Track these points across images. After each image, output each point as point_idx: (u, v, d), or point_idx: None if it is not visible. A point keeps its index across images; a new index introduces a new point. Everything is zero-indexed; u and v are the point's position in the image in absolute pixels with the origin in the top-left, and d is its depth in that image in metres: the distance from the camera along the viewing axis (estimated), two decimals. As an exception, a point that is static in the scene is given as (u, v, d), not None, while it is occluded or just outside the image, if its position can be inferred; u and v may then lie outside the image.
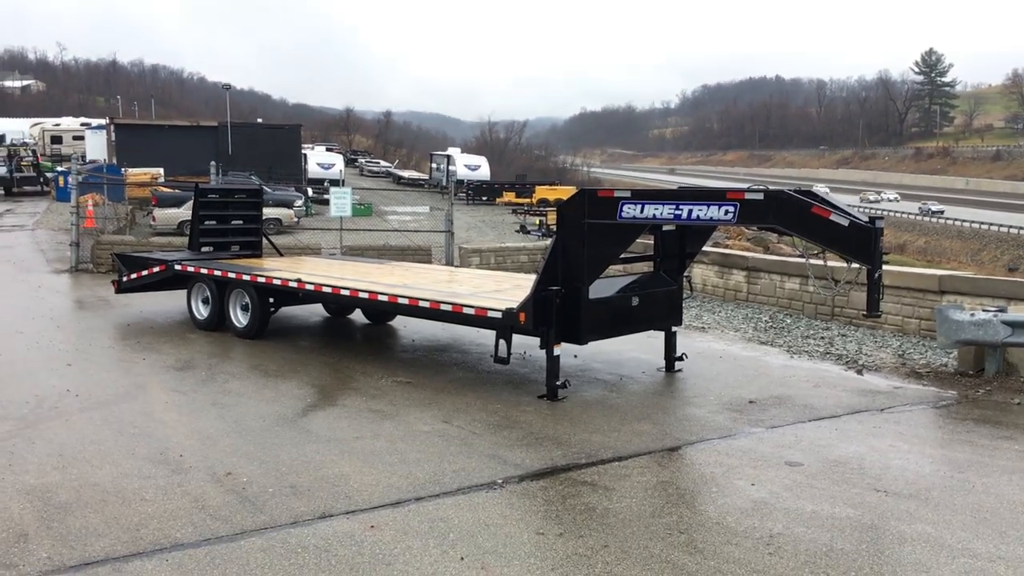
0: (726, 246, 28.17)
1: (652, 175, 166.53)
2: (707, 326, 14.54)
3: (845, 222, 8.30)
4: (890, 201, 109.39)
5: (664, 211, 9.06)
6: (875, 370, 11.36)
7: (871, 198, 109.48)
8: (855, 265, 8.53)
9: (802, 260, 9.19)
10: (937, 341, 11.14)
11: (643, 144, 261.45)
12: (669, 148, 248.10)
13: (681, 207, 8.97)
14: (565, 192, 43.22)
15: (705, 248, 19.22)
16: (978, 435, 8.56)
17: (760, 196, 8.61)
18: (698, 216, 8.88)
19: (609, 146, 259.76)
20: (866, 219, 8.39)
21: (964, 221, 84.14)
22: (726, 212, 8.72)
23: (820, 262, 9.39)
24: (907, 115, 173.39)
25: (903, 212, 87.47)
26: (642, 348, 11.66)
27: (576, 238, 9.46)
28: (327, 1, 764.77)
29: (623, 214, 9.23)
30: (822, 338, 13.49)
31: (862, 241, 8.31)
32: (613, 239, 9.54)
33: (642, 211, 9.15)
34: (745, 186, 9.18)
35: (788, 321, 14.96)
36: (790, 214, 8.51)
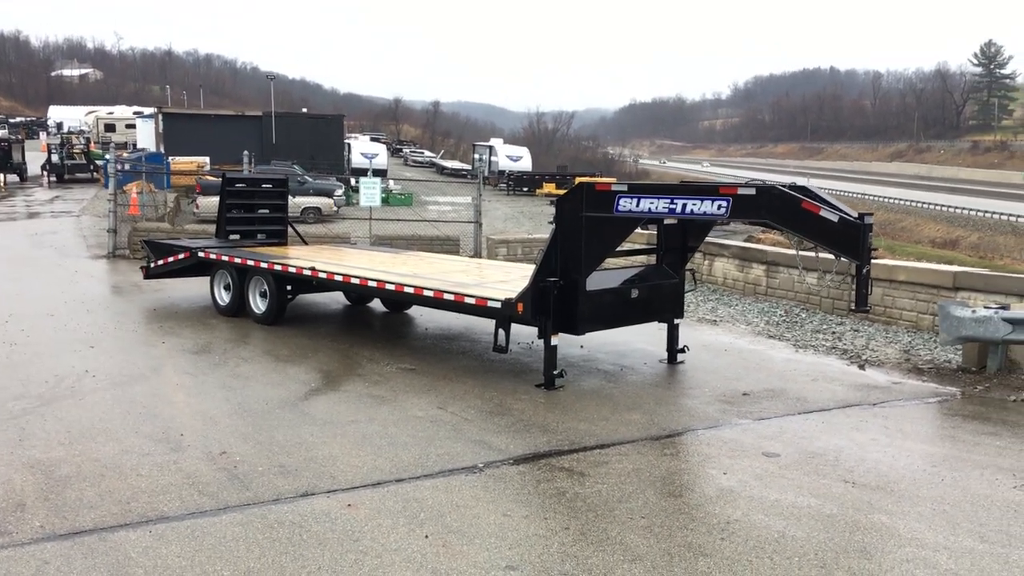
0: (759, 240, 28.07)
1: (697, 168, 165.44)
2: (720, 319, 14.63)
3: (834, 218, 8.41)
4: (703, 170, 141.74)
5: (659, 205, 9.24)
6: (877, 365, 11.39)
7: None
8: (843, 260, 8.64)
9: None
10: (939, 337, 11.15)
11: (693, 135, 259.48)
12: (719, 140, 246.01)
13: (676, 201, 9.14)
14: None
15: (726, 242, 19.32)
16: (963, 431, 8.61)
17: (752, 191, 8.75)
18: (692, 210, 9.04)
19: (658, 138, 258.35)
20: (855, 215, 8.49)
21: (1021, 217, 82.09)
22: (719, 207, 8.87)
23: (811, 254, 9.48)
24: (964, 108, 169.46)
25: (960, 208, 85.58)
26: (649, 340, 11.81)
27: (574, 231, 9.65)
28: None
29: (619, 208, 9.41)
30: (833, 333, 13.51)
31: (851, 236, 8.42)
32: (610, 232, 9.72)
33: (638, 205, 9.33)
34: (742, 181, 9.32)
35: (803, 315, 14.99)
36: (780, 209, 8.64)
